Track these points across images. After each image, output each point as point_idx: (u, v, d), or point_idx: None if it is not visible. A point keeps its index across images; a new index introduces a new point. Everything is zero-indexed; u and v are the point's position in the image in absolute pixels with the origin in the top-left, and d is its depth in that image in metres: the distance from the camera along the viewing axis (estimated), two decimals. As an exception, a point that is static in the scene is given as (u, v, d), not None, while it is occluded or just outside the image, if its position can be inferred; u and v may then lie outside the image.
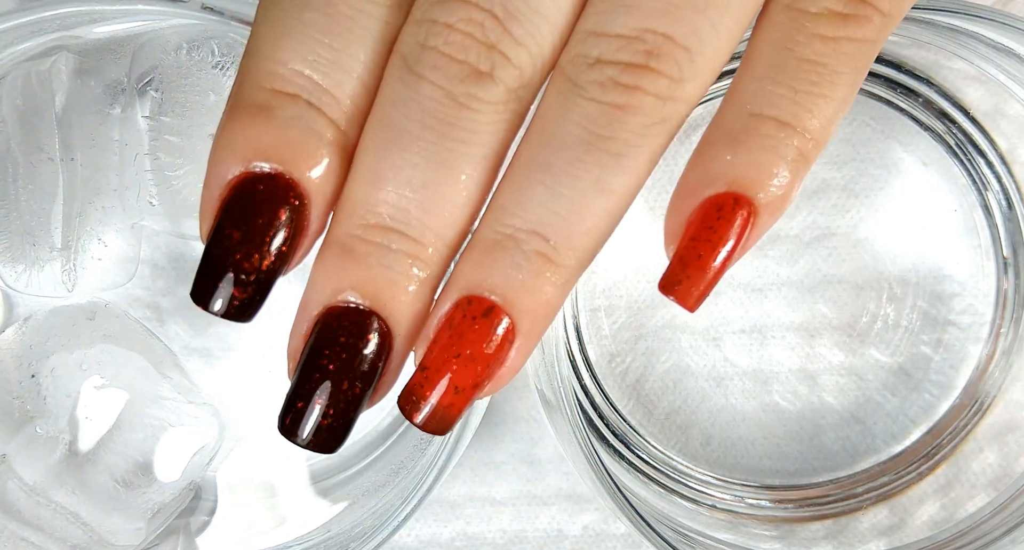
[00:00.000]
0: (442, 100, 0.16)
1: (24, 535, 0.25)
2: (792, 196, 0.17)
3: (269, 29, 0.16)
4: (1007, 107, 0.29)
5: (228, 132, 0.16)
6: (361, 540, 0.25)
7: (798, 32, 0.17)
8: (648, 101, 0.16)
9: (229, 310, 0.17)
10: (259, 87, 0.16)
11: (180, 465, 0.26)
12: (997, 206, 0.30)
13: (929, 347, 0.30)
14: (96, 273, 0.26)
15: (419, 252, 0.17)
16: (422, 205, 0.16)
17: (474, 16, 0.16)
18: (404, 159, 0.16)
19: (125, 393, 0.26)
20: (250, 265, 0.16)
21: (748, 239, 0.17)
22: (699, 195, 0.17)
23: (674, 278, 0.18)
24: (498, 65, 0.16)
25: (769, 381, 0.30)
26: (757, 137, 0.17)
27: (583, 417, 0.25)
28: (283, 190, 0.16)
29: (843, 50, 0.17)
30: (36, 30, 0.25)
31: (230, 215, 0.16)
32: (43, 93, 0.24)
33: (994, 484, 0.29)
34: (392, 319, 0.17)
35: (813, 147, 0.17)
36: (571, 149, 0.16)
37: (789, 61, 0.17)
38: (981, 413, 0.30)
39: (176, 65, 0.25)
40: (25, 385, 0.25)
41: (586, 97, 0.16)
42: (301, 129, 0.16)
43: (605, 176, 0.16)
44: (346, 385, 0.17)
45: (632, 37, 0.16)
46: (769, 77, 0.17)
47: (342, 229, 0.17)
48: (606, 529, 0.31)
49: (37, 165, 0.25)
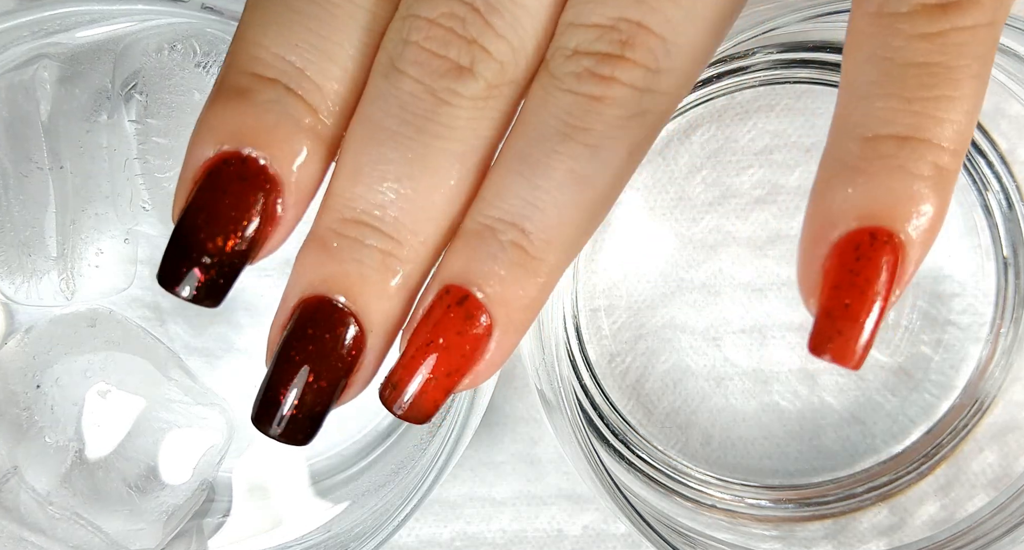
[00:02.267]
0: (421, 95, 0.16)
1: (41, 545, 0.25)
2: (942, 215, 0.15)
3: (256, 16, 0.16)
4: (1007, 107, 0.29)
5: (206, 115, 0.16)
6: (361, 540, 0.25)
7: (894, 37, 0.15)
8: (624, 92, 0.16)
9: (194, 293, 0.16)
10: (241, 71, 0.16)
11: (191, 466, 0.26)
12: (997, 206, 0.30)
13: (929, 347, 0.30)
14: (95, 280, 0.26)
15: (393, 248, 0.16)
16: (398, 201, 0.16)
17: (455, 10, 0.16)
18: (381, 154, 0.16)
19: (131, 398, 0.26)
20: (214, 246, 0.16)
21: (902, 275, 0.15)
22: (829, 239, 0.16)
23: (824, 335, 0.16)
24: (478, 60, 0.16)
25: (769, 381, 0.30)
26: (878, 160, 0.15)
27: (583, 417, 0.25)
28: (254, 173, 0.16)
29: (953, 42, 0.15)
30: (15, 38, 0.25)
31: (199, 196, 0.16)
32: (27, 103, 0.24)
33: (994, 484, 0.29)
34: (363, 314, 0.17)
35: (950, 158, 0.15)
36: (547, 141, 0.16)
37: (892, 70, 0.15)
38: (981, 413, 0.30)
39: (159, 66, 0.25)
40: (31, 396, 0.25)
41: (563, 88, 0.16)
42: (277, 113, 0.16)
43: (580, 168, 0.16)
44: (312, 377, 0.17)
45: (607, 26, 0.16)
46: (874, 93, 0.15)
47: (322, 222, 0.17)
48: (606, 529, 0.31)
49: (27, 175, 0.25)
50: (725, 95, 0.29)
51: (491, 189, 0.17)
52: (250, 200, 0.16)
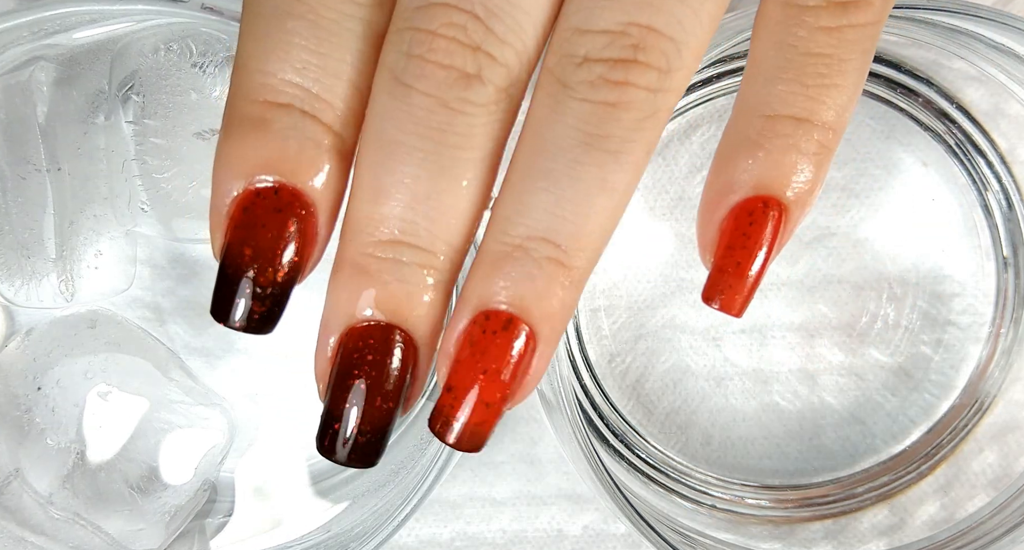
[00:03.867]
0: (434, 108, 0.16)
1: (43, 546, 0.25)
2: (818, 188, 0.18)
3: (254, 42, 0.16)
4: (1007, 107, 0.29)
5: (226, 149, 0.16)
6: (361, 540, 0.25)
7: (799, 27, 0.17)
8: (640, 95, 0.16)
9: (250, 324, 0.17)
10: (251, 100, 0.16)
11: (192, 467, 0.26)
12: (997, 206, 0.30)
13: (929, 347, 0.30)
14: (94, 281, 0.26)
15: (431, 261, 0.17)
16: (428, 215, 0.16)
17: (455, 19, 0.16)
18: (405, 172, 0.16)
19: (133, 399, 0.26)
20: (265, 279, 0.16)
21: (782, 238, 0.18)
22: (727, 203, 0.18)
23: (716, 287, 0.18)
24: (485, 66, 0.16)
25: (769, 381, 0.30)
26: (776, 138, 0.17)
27: (583, 417, 0.25)
28: (288, 202, 0.16)
29: (847, 38, 0.17)
30: (14, 39, 0.25)
31: (239, 232, 0.16)
32: (24, 105, 0.24)
33: (994, 484, 0.29)
34: (414, 330, 0.17)
35: (833, 136, 0.17)
36: (569, 152, 0.16)
37: (795, 58, 0.17)
38: (981, 413, 0.30)
39: (155, 67, 0.25)
40: (32, 398, 0.25)
41: (577, 98, 0.16)
42: (298, 139, 0.16)
43: (606, 175, 0.16)
44: (379, 401, 0.17)
45: (617, 32, 0.16)
46: (778, 77, 0.17)
47: (352, 248, 0.17)
48: (606, 529, 0.31)
49: (25, 177, 0.25)
50: (725, 95, 0.29)
51: (513, 207, 0.17)
52: (289, 229, 0.16)
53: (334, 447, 0.17)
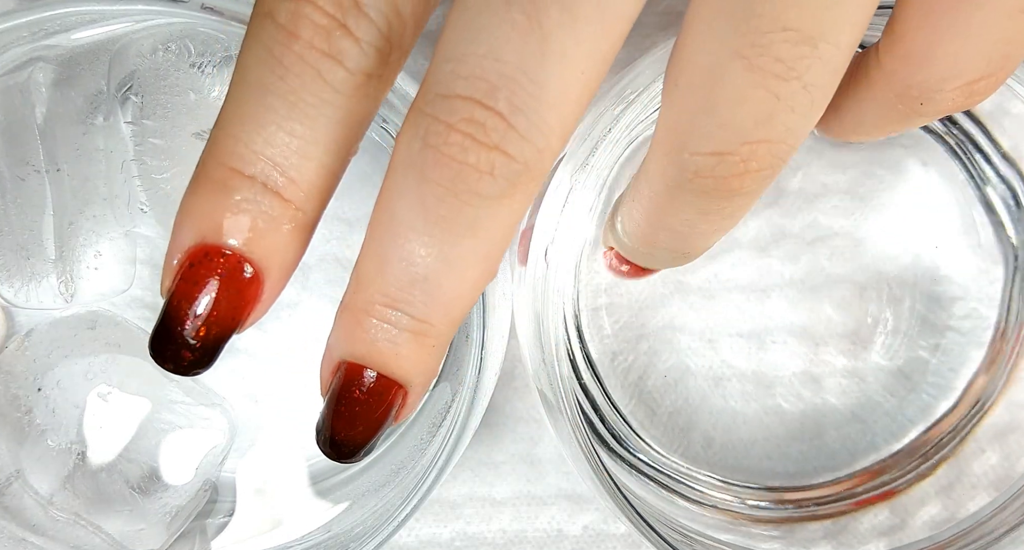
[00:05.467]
0: (444, 197, 0.16)
1: (45, 547, 0.25)
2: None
3: (235, 109, 0.17)
4: (1010, 106, 0.29)
5: (188, 202, 0.17)
6: (361, 540, 0.25)
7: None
8: (751, 197, 0.18)
9: (178, 368, 0.18)
10: (220, 164, 0.17)
11: (193, 467, 0.26)
12: (1003, 204, 0.30)
13: (929, 347, 0.30)
14: (94, 282, 0.26)
15: (424, 330, 0.17)
16: (426, 293, 0.17)
17: (476, 116, 0.16)
18: (408, 250, 0.17)
19: (133, 399, 0.26)
20: (198, 334, 0.17)
21: None
22: None
23: None
24: (499, 164, 0.16)
25: (770, 383, 0.30)
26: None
27: (583, 417, 0.25)
28: (234, 267, 0.17)
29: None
30: (13, 40, 0.25)
31: (183, 285, 0.17)
32: (23, 106, 0.24)
33: (995, 485, 0.29)
34: (404, 379, 0.18)
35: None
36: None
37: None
38: (982, 413, 0.30)
39: (154, 67, 0.25)
40: (33, 399, 0.25)
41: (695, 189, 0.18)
42: (255, 213, 0.17)
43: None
44: (361, 428, 0.18)
45: (727, 152, 0.17)
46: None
47: (357, 297, 0.18)
48: (606, 529, 0.31)
49: (24, 178, 0.25)
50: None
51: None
52: (231, 292, 0.17)
53: (325, 447, 0.19)
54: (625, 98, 0.25)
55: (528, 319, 0.26)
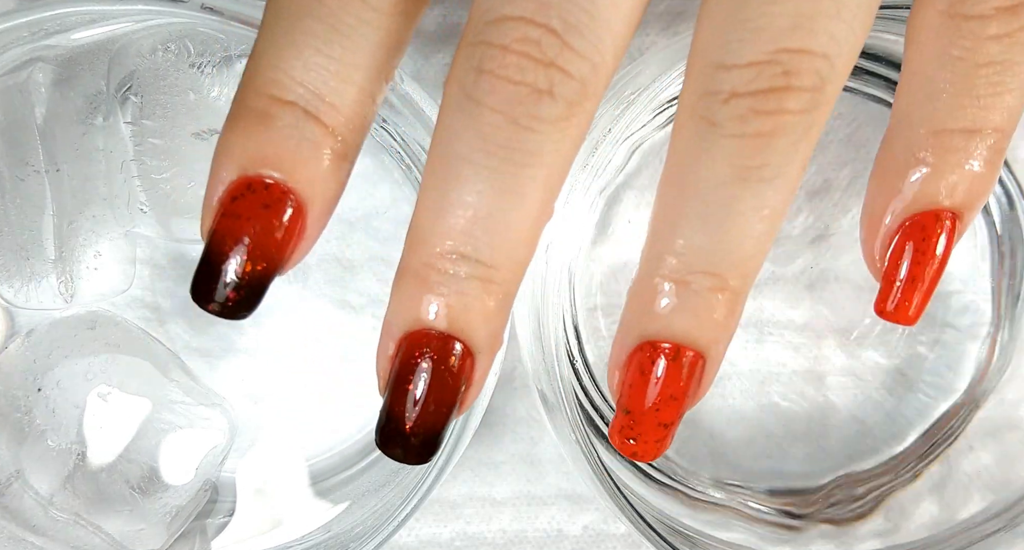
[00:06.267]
0: (502, 125, 0.16)
1: (45, 547, 0.25)
2: (991, 188, 0.18)
3: (271, 37, 0.16)
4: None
5: (227, 137, 0.17)
6: (361, 540, 0.25)
7: (964, 38, 0.16)
8: (794, 119, 0.16)
9: (224, 310, 0.17)
10: (259, 93, 0.16)
11: (193, 467, 0.26)
12: (996, 205, 0.30)
13: (927, 347, 0.30)
14: (93, 282, 0.26)
15: (491, 275, 0.17)
16: (490, 232, 0.16)
17: (530, 34, 0.15)
18: (469, 188, 0.16)
19: (133, 400, 0.26)
20: (243, 271, 0.17)
21: (956, 241, 0.18)
22: (897, 218, 0.18)
23: (890, 300, 0.19)
24: (557, 82, 0.16)
25: (769, 381, 0.30)
26: (948, 153, 0.17)
27: (583, 417, 0.25)
28: (278, 198, 0.16)
29: (1018, 41, 0.16)
30: (13, 40, 0.25)
31: (225, 221, 0.17)
32: (23, 106, 0.24)
33: (990, 485, 0.29)
34: (471, 341, 0.17)
35: (1003, 138, 0.17)
36: (723, 189, 0.16)
37: (963, 70, 0.16)
38: (978, 413, 0.30)
39: (153, 67, 0.25)
40: (33, 399, 0.25)
41: (728, 134, 0.16)
42: (297, 138, 0.16)
43: (764, 203, 0.16)
44: (432, 405, 0.17)
45: (765, 62, 0.15)
46: (944, 90, 0.17)
47: (415, 257, 0.17)
48: (606, 529, 0.31)
49: (23, 179, 0.25)
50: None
51: (670, 246, 0.17)
52: (274, 224, 0.17)
53: (387, 443, 0.18)
54: (625, 98, 0.25)
55: (528, 319, 0.26)
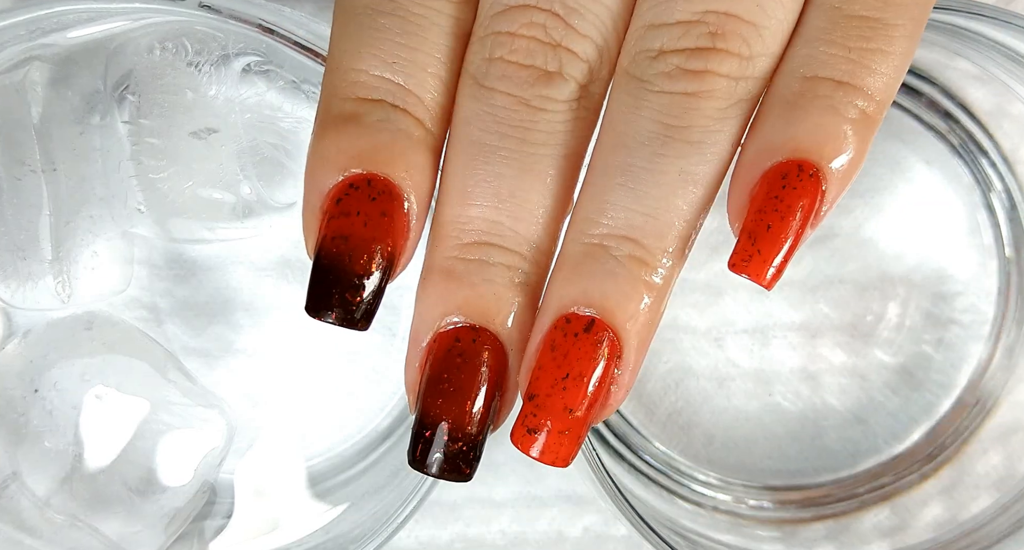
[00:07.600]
0: (515, 107, 0.16)
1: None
2: (860, 161, 0.16)
3: (345, 41, 0.16)
4: (1010, 107, 0.29)
5: (319, 146, 0.16)
6: (360, 542, 0.25)
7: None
8: (721, 84, 0.16)
9: (347, 317, 0.16)
10: (344, 98, 0.16)
11: (191, 469, 0.26)
12: (1000, 205, 0.30)
13: (931, 347, 0.30)
14: (91, 283, 0.26)
15: (518, 262, 0.17)
16: (513, 214, 0.16)
17: (535, 19, 0.16)
18: (488, 171, 0.16)
19: (130, 400, 0.26)
20: (361, 268, 0.16)
21: (821, 206, 0.16)
22: (760, 166, 0.16)
23: (744, 254, 0.16)
24: (566, 62, 0.16)
25: (771, 382, 0.30)
26: (815, 99, 0.16)
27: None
28: (381, 190, 0.16)
29: (896, 2, 0.16)
30: (10, 39, 0.25)
31: (334, 223, 0.16)
32: (19, 105, 0.24)
33: (998, 485, 0.29)
34: (503, 334, 0.17)
35: (875, 107, 0.16)
36: (648, 145, 0.16)
37: (838, 19, 0.16)
38: (984, 414, 0.30)
39: (150, 66, 0.24)
40: (29, 400, 0.25)
41: (655, 90, 0.16)
42: (390, 130, 0.16)
43: (688, 166, 0.16)
44: (468, 406, 0.16)
45: (693, 22, 0.15)
46: (819, 38, 0.16)
47: (439, 253, 0.17)
48: (607, 531, 0.31)
49: (20, 178, 0.25)
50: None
51: (591, 206, 0.16)
52: (384, 219, 0.16)
53: (426, 458, 0.16)
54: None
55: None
